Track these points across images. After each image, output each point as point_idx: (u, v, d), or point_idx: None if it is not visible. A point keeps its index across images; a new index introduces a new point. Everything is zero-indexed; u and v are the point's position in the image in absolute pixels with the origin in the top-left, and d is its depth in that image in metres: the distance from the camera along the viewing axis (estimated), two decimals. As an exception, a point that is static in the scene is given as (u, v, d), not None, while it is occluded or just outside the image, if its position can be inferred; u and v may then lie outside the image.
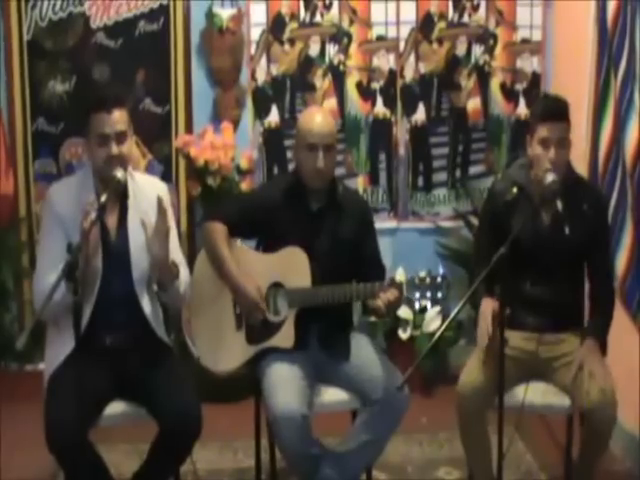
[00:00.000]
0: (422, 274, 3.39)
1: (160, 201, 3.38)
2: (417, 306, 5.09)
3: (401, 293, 3.42)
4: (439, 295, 3.39)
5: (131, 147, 3.51)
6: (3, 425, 4.39)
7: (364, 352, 3.68)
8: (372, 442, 3.55)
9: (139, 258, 3.50)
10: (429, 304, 5.07)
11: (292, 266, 3.63)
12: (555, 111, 3.57)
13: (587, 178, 4.20)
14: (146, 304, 3.54)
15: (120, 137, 3.39)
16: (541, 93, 5.43)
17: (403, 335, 5.14)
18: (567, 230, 3.57)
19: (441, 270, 3.47)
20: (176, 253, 3.67)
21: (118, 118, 3.38)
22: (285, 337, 3.61)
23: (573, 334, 3.66)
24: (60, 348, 3.39)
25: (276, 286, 3.66)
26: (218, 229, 3.72)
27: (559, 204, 3.53)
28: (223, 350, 3.72)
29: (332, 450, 3.59)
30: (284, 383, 3.46)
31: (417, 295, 3.38)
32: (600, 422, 3.43)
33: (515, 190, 3.61)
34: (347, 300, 3.55)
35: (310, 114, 3.75)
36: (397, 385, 3.32)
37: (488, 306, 3.53)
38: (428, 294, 3.38)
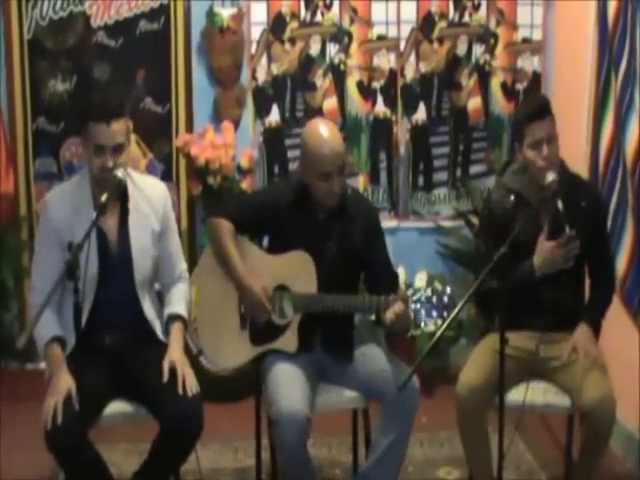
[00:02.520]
0: (429, 292, 3.35)
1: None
2: (422, 325, 4.98)
3: (407, 305, 3.37)
4: (445, 314, 3.34)
5: (129, 153, 3.51)
6: (3, 424, 4.39)
7: (371, 350, 3.67)
8: (394, 444, 3.52)
9: (141, 261, 3.51)
10: (432, 322, 4.98)
11: (299, 270, 3.60)
12: (537, 110, 3.56)
13: (582, 176, 4.21)
14: (147, 306, 3.55)
15: (117, 149, 3.38)
16: (521, 98, 5.43)
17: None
18: (568, 230, 3.56)
19: (448, 290, 3.40)
20: (176, 251, 3.68)
21: (116, 130, 3.36)
22: (289, 341, 3.60)
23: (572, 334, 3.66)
24: (61, 348, 3.40)
25: (282, 289, 3.65)
26: (225, 225, 3.67)
27: (560, 204, 3.53)
28: (226, 348, 3.71)
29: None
30: (288, 383, 3.45)
31: (422, 313, 3.35)
32: (599, 421, 3.43)
33: (512, 198, 3.61)
34: (351, 311, 3.54)
35: (318, 137, 3.52)
36: (398, 386, 3.30)
37: None
38: (434, 313, 3.35)
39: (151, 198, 3.58)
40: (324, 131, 3.54)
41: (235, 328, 3.71)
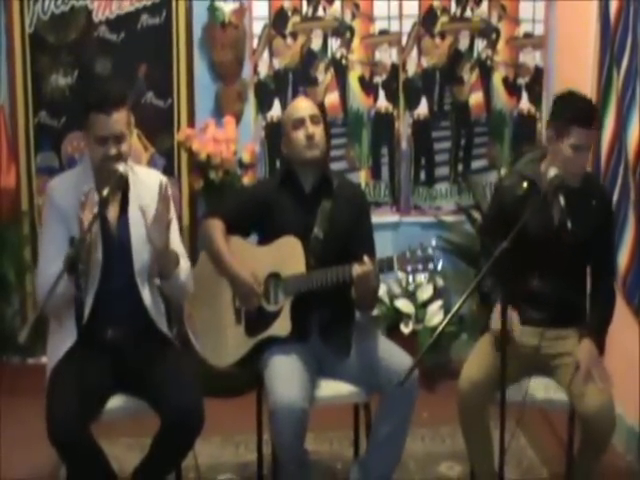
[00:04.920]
0: (413, 247, 3.40)
1: (162, 188, 3.39)
2: (411, 279, 5.08)
3: (374, 265, 3.43)
4: (430, 266, 3.38)
5: (130, 144, 3.51)
6: (4, 419, 4.39)
7: (370, 343, 3.68)
8: (393, 432, 3.57)
9: (140, 249, 3.50)
10: (423, 276, 5.06)
11: (287, 255, 3.64)
12: (593, 118, 3.57)
13: (596, 176, 4.22)
14: (147, 295, 3.53)
15: (118, 138, 3.39)
16: (569, 92, 5.36)
17: (405, 329, 5.15)
18: (570, 225, 3.56)
19: (434, 242, 3.44)
20: (177, 244, 3.68)
21: (117, 120, 3.37)
22: (282, 326, 3.62)
23: (576, 332, 3.65)
24: (62, 342, 3.41)
25: (275, 277, 3.68)
26: (216, 224, 3.75)
27: (561, 199, 3.53)
28: (224, 344, 3.73)
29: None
30: (286, 375, 3.47)
31: (409, 268, 3.39)
32: (597, 431, 3.44)
33: (525, 185, 3.61)
34: (340, 281, 3.52)
35: (293, 102, 3.98)
36: (399, 381, 3.28)
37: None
38: (420, 266, 3.38)
39: (152, 189, 3.57)
40: (298, 98, 4.20)
41: (231, 324, 3.74)
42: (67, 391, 3.22)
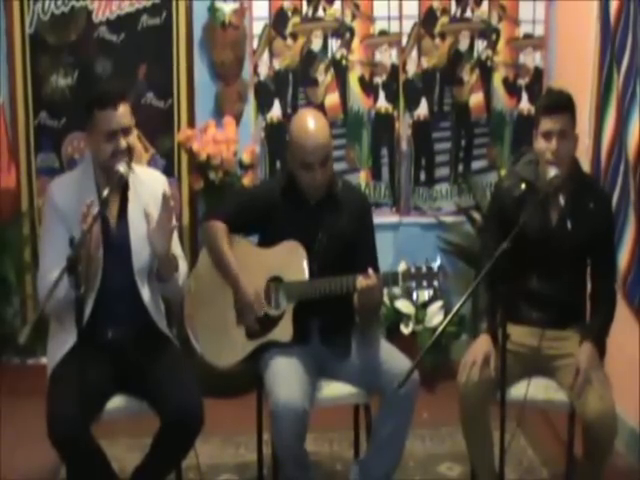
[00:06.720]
0: (418, 263, 3.42)
1: (166, 197, 3.39)
2: (414, 296, 5.09)
3: (379, 279, 3.43)
4: (435, 283, 3.40)
5: (135, 138, 3.53)
6: (4, 419, 4.39)
7: (370, 345, 3.68)
8: (393, 433, 3.56)
9: (140, 249, 3.50)
10: (426, 293, 5.07)
11: (290, 260, 3.64)
12: (556, 103, 3.57)
13: (595, 179, 4.20)
14: (147, 295, 3.54)
15: (126, 131, 3.41)
16: (546, 87, 5.41)
17: (405, 330, 5.15)
18: (569, 226, 3.57)
19: (439, 259, 3.46)
20: (175, 246, 3.68)
21: (123, 112, 3.40)
22: (283, 331, 3.62)
23: (576, 333, 3.65)
24: (62, 342, 3.41)
25: (276, 280, 3.67)
26: (218, 227, 3.72)
27: (562, 199, 3.53)
28: (224, 345, 3.72)
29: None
30: (287, 376, 3.46)
31: (413, 284, 3.41)
32: (600, 437, 3.44)
33: (523, 186, 3.62)
34: (344, 292, 3.53)
35: (302, 127, 3.56)
36: (398, 383, 3.28)
37: (483, 347, 3.56)
38: (424, 283, 3.41)
39: (151, 188, 3.58)
40: (309, 122, 3.57)
41: (232, 324, 3.73)
42: (67, 391, 3.20)
